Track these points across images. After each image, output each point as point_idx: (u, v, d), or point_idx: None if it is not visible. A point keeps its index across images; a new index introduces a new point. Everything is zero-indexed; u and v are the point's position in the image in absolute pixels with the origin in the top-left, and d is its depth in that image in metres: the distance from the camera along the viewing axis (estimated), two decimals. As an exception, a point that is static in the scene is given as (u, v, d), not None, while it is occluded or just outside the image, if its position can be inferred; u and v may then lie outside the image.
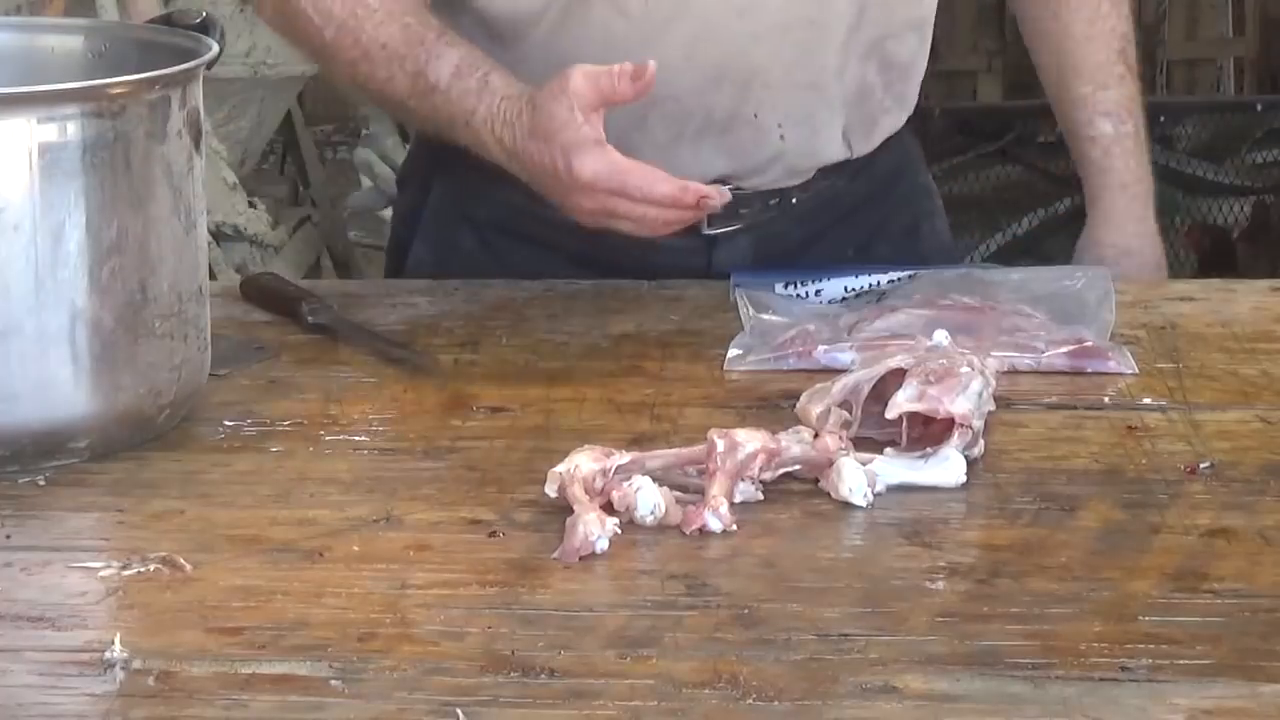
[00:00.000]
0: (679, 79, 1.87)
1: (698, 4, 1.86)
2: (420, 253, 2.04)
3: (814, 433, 1.51)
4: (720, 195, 1.70)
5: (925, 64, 2.06)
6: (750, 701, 1.19)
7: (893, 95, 2.01)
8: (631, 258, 1.95)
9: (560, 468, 1.44)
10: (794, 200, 1.99)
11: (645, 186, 1.67)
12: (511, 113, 1.74)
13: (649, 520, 1.41)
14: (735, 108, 1.90)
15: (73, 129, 1.49)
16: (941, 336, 1.66)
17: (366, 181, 5.44)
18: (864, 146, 2.00)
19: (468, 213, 2.02)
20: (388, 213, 3.43)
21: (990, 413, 1.58)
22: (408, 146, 2.29)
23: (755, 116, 1.91)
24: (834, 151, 1.98)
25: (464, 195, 2.01)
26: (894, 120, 2.04)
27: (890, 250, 2.04)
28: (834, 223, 2.03)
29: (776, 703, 1.19)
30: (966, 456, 1.51)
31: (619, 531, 1.39)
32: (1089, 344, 1.74)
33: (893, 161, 2.08)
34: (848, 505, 1.46)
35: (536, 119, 1.71)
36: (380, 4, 1.81)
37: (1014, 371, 1.70)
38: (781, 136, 1.93)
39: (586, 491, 1.42)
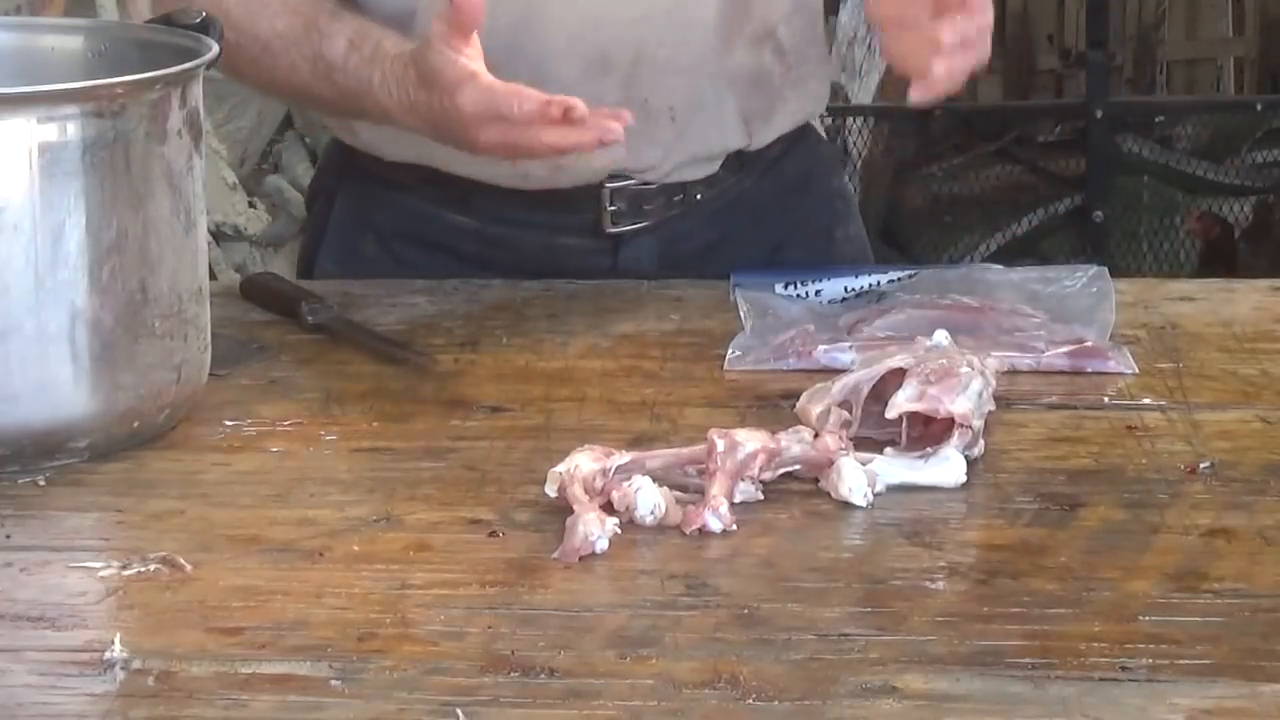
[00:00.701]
0: (564, 67, 1.88)
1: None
2: (325, 264, 2.05)
3: (814, 433, 1.51)
4: (597, 115, 1.68)
5: (822, 53, 2.06)
6: (750, 701, 1.19)
7: (789, 82, 2.00)
8: (534, 260, 1.97)
9: (560, 468, 1.44)
10: (699, 197, 1.99)
11: (515, 106, 1.68)
12: (400, 69, 1.75)
13: (649, 520, 1.41)
14: (624, 93, 1.90)
15: (73, 129, 1.49)
16: (941, 336, 1.65)
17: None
18: (765, 134, 2.00)
19: (370, 221, 2.03)
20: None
21: (990, 413, 1.58)
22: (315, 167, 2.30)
23: (646, 102, 1.91)
24: (732, 138, 1.98)
25: (366, 203, 2.03)
26: (796, 109, 2.02)
27: (804, 254, 2.05)
28: (743, 224, 2.02)
29: (776, 703, 1.19)
30: (966, 456, 1.51)
31: (619, 531, 1.39)
32: (1089, 344, 1.74)
33: (804, 164, 2.08)
34: (848, 505, 1.46)
35: (420, 70, 1.73)
36: None
37: (1014, 371, 1.70)
38: (673, 119, 1.93)
39: (586, 491, 1.42)
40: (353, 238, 2.04)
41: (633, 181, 1.95)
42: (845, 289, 1.90)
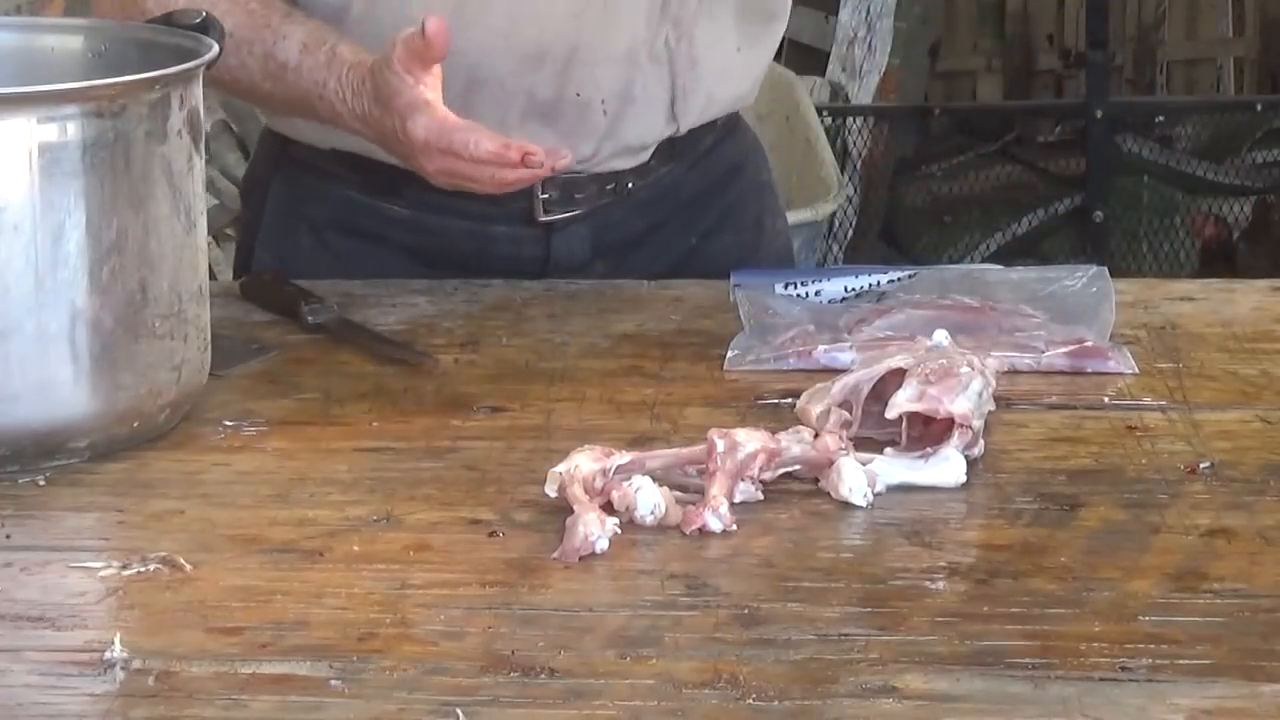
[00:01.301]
0: (499, 61, 1.89)
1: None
2: (262, 256, 2.05)
3: (814, 433, 1.52)
4: (551, 155, 1.69)
5: (760, 46, 2.05)
6: (750, 701, 1.19)
7: (714, 68, 1.99)
8: (468, 251, 1.98)
9: (560, 468, 1.44)
10: (630, 185, 2.00)
11: (471, 145, 1.69)
12: (358, 81, 1.76)
13: (649, 520, 1.41)
14: (558, 87, 1.91)
15: (73, 129, 1.49)
16: (941, 336, 1.66)
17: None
18: (688, 120, 2.00)
19: (304, 212, 2.03)
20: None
21: (990, 413, 1.58)
22: (249, 158, 2.29)
23: (578, 95, 1.92)
24: (660, 127, 1.98)
25: (300, 195, 2.03)
26: (719, 94, 2.02)
27: (734, 240, 2.06)
28: (674, 212, 2.04)
29: (776, 703, 1.19)
30: (966, 456, 1.51)
31: (619, 531, 1.39)
32: (1089, 344, 1.74)
33: (734, 154, 2.09)
34: (848, 505, 1.46)
35: (377, 86, 1.73)
36: None
37: (1014, 371, 1.70)
38: (605, 112, 1.94)
39: (586, 491, 1.42)
40: (287, 229, 2.04)
41: (565, 172, 1.96)
42: (845, 289, 1.90)
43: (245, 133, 4.67)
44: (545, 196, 1.96)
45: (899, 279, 1.90)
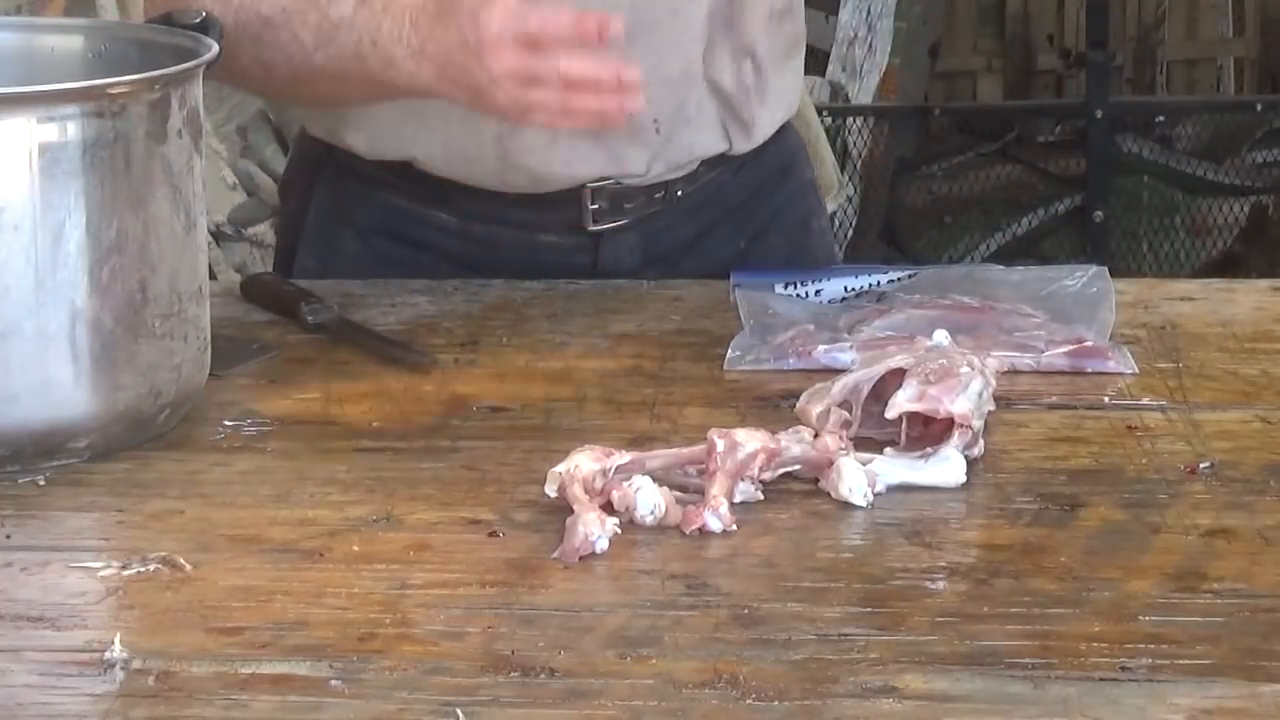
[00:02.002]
0: None
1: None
2: (305, 259, 2.04)
3: (814, 433, 1.52)
4: (614, 72, 1.65)
5: (798, 57, 2.06)
6: (750, 701, 1.19)
7: (767, 91, 2.00)
8: (516, 259, 1.97)
9: (560, 468, 1.44)
10: (679, 193, 1.99)
11: (548, 22, 1.64)
12: (416, 9, 1.71)
13: (649, 520, 1.41)
14: None
15: (73, 129, 1.49)
16: (941, 336, 1.66)
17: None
18: (744, 142, 2.00)
19: (350, 217, 2.02)
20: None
21: (990, 413, 1.58)
22: (288, 156, 2.28)
23: (632, 114, 1.91)
24: (712, 145, 1.99)
25: (345, 200, 2.02)
26: (772, 116, 2.03)
27: (783, 243, 2.06)
28: (722, 218, 2.04)
29: (776, 703, 1.19)
30: (966, 456, 1.51)
31: (619, 531, 1.39)
32: (1089, 344, 1.74)
33: (781, 157, 2.09)
34: (848, 505, 1.46)
35: (443, 3, 1.69)
36: None
37: (1014, 371, 1.70)
38: (657, 131, 1.93)
39: (586, 491, 1.42)
40: (332, 234, 2.03)
41: (613, 182, 1.95)
42: (845, 289, 1.90)
43: (283, 122, 4.66)
44: (595, 207, 1.96)
45: (899, 279, 1.90)
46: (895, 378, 1.55)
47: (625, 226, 1.98)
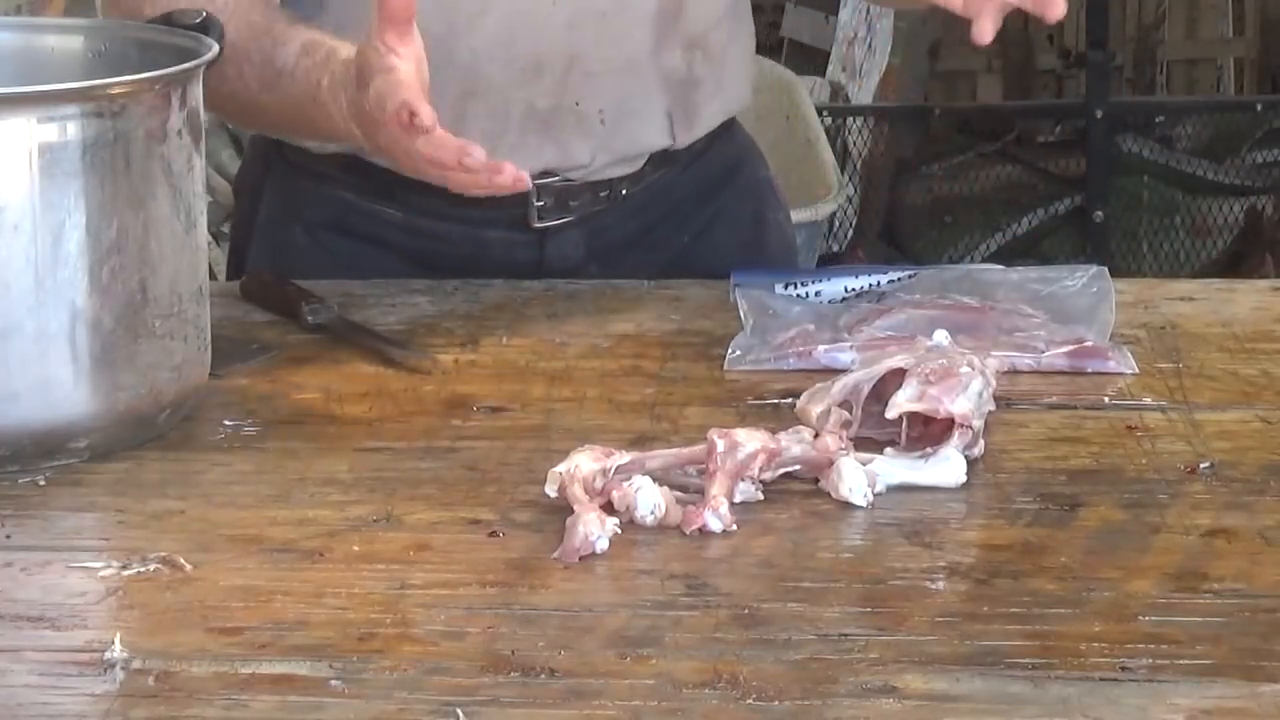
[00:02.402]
0: (497, 70, 1.88)
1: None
2: (257, 257, 2.04)
3: (814, 433, 1.51)
4: (491, 169, 1.60)
5: (745, 53, 2.06)
6: (750, 701, 1.19)
7: (714, 84, 2.00)
8: (463, 254, 1.97)
9: (560, 468, 1.44)
10: (624, 192, 2.00)
11: (420, 113, 1.57)
12: (344, 71, 1.71)
13: (649, 520, 1.41)
14: (557, 97, 1.91)
15: (73, 129, 1.49)
16: (941, 336, 1.66)
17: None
18: (688, 135, 2.00)
19: (299, 213, 2.02)
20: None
21: (990, 413, 1.58)
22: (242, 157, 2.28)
23: (577, 105, 1.92)
24: (657, 138, 1.98)
25: (295, 196, 2.02)
26: (719, 109, 2.03)
27: (731, 238, 2.06)
28: (667, 213, 2.04)
29: (776, 703, 1.19)
30: (966, 456, 1.51)
31: (619, 531, 1.39)
32: (1089, 344, 1.74)
33: (729, 154, 2.09)
34: (848, 505, 1.46)
35: (359, 66, 1.67)
36: (225, 5, 1.77)
37: (1014, 371, 1.70)
38: (602, 122, 1.94)
39: (586, 491, 1.42)
40: (283, 230, 2.03)
41: (559, 179, 1.95)
42: (845, 289, 1.90)
43: (238, 129, 4.67)
44: (540, 204, 1.96)
45: (899, 279, 1.90)
46: (895, 378, 1.55)
47: (569, 224, 1.99)
